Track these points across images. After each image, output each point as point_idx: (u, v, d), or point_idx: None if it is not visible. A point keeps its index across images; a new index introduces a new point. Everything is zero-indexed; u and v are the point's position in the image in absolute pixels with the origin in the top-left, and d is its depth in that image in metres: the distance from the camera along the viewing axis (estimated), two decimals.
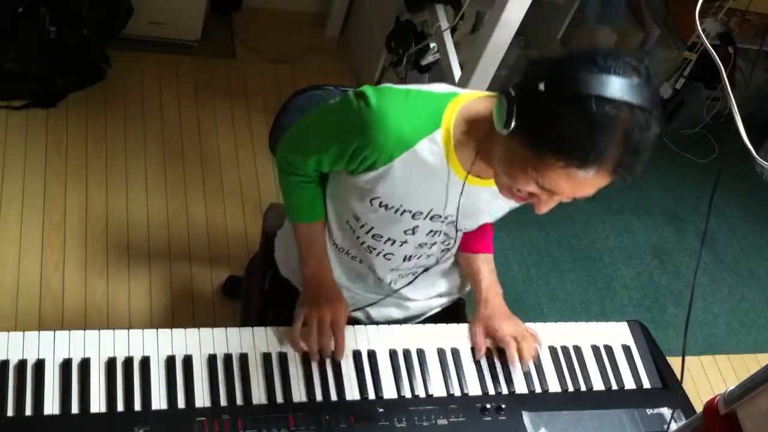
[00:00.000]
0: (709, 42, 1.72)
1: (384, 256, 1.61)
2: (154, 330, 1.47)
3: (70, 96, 2.85)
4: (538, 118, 1.19)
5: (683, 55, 3.38)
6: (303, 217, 1.62)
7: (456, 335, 1.64)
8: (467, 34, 2.76)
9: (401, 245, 1.57)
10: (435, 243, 1.60)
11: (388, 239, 1.56)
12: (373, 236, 1.56)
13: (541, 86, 1.17)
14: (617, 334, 1.77)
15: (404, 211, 1.47)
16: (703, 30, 2.79)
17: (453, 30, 2.53)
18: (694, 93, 3.54)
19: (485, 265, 1.72)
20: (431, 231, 1.55)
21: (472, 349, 1.63)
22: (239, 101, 3.09)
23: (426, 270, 1.69)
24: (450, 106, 1.37)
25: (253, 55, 3.26)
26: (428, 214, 1.49)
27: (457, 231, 1.58)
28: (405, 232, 1.53)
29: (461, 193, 1.43)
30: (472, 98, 1.40)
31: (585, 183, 1.21)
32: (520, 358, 1.62)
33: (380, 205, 1.47)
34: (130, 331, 1.46)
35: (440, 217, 1.50)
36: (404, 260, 1.63)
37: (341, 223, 1.60)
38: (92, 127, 2.82)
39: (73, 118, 2.81)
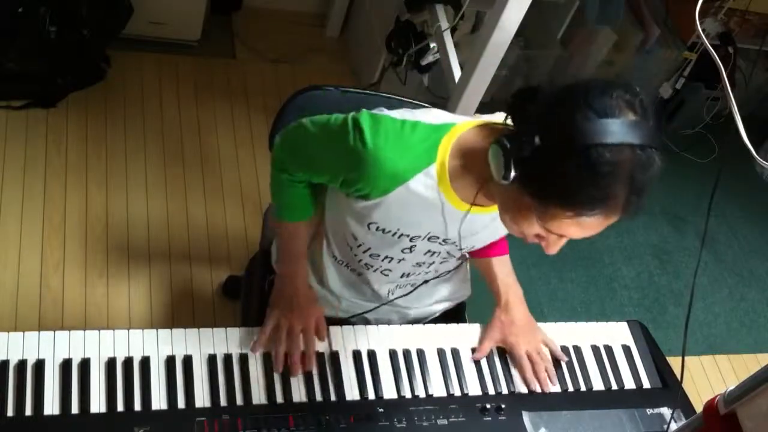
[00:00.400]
0: (709, 42, 1.72)
1: (381, 272, 1.60)
2: (154, 330, 1.47)
3: (70, 96, 2.85)
4: (537, 170, 1.17)
5: (683, 55, 3.38)
6: (289, 215, 1.61)
7: (456, 335, 1.64)
8: (467, 34, 2.76)
9: (399, 262, 1.57)
10: (434, 262, 1.59)
11: (386, 257, 1.55)
12: (370, 255, 1.55)
13: (537, 140, 1.14)
14: (617, 334, 1.77)
15: (402, 234, 1.46)
16: (703, 30, 2.79)
17: (453, 30, 2.53)
18: (694, 93, 3.54)
19: (501, 267, 1.70)
20: (429, 251, 1.54)
21: (473, 349, 1.63)
22: (239, 101, 3.09)
23: (426, 282, 1.68)
24: (445, 138, 1.35)
25: (253, 55, 3.26)
26: (426, 236, 1.48)
27: (460, 249, 1.57)
28: (402, 251, 1.52)
29: (461, 222, 1.42)
30: (467, 128, 1.37)
31: (593, 226, 1.21)
32: (536, 380, 1.61)
33: (377, 229, 1.46)
34: (130, 331, 1.46)
35: (438, 239, 1.49)
36: (402, 276, 1.62)
37: (339, 238, 1.59)
38: (92, 127, 2.82)
39: (73, 118, 2.81)
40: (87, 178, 2.68)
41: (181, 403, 1.40)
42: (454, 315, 1.85)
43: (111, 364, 1.41)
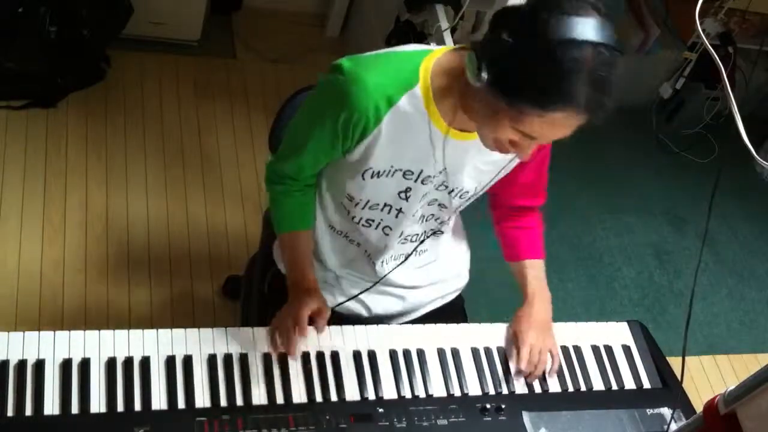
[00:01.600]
0: (709, 42, 1.72)
1: (382, 230, 1.61)
2: (154, 330, 1.47)
3: (70, 96, 2.85)
4: (507, 68, 1.23)
5: (683, 55, 3.38)
6: (288, 226, 1.63)
7: (456, 335, 1.64)
8: (467, 34, 2.76)
9: (397, 215, 1.57)
10: (430, 217, 1.60)
11: (385, 205, 1.56)
12: (370, 208, 1.56)
13: (506, 37, 1.21)
14: (617, 334, 1.77)
15: (395, 170, 1.49)
16: (703, 30, 2.79)
17: (453, 30, 2.53)
18: (694, 93, 3.54)
19: (531, 270, 1.72)
20: (425, 195, 1.55)
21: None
22: (239, 101, 3.09)
23: (422, 243, 1.69)
24: (425, 61, 1.41)
25: (253, 55, 3.26)
26: (419, 175, 1.50)
27: (439, 188, 1.56)
28: (399, 194, 1.53)
29: (444, 144, 1.45)
30: (445, 52, 1.43)
31: (561, 125, 1.26)
32: (524, 368, 1.62)
33: (372, 176, 1.49)
34: (130, 331, 1.46)
35: (431, 178, 1.51)
36: (400, 237, 1.62)
37: (337, 205, 1.62)
38: (92, 127, 2.82)
39: (73, 118, 2.81)
40: (87, 178, 2.68)
41: (181, 403, 1.40)
42: (454, 311, 1.85)
43: (111, 364, 1.41)
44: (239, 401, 1.43)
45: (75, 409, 1.35)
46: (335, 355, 1.54)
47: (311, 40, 3.40)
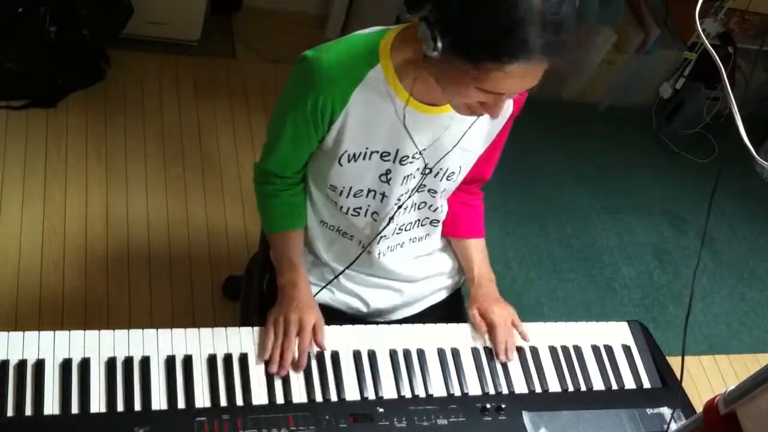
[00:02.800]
0: (709, 42, 1.72)
1: (371, 215, 1.61)
2: (154, 330, 1.47)
3: (70, 96, 2.85)
4: (459, 30, 1.23)
5: (683, 55, 3.38)
6: (277, 226, 1.65)
7: (456, 335, 1.64)
8: None
9: (382, 199, 1.58)
10: (411, 194, 1.60)
11: (369, 191, 1.57)
12: (354, 195, 1.57)
13: (454, 1, 1.21)
14: (617, 334, 1.77)
15: (372, 152, 1.50)
16: (703, 30, 2.79)
17: None
18: (694, 93, 3.54)
19: (477, 252, 1.76)
20: (406, 177, 1.55)
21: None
22: (239, 101, 3.09)
23: (415, 234, 1.69)
24: (385, 38, 1.42)
25: (253, 55, 3.26)
26: (395, 155, 1.50)
27: (425, 173, 1.56)
28: (380, 177, 1.54)
29: (404, 116, 1.45)
30: (402, 28, 1.44)
31: (525, 75, 1.24)
32: (502, 351, 1.64)
33: (348, 160, 1.50)
34: (130, 331, 1.46)
35: (408, 157, 1.51)
36: (395, 227, 1.63)
37: (324, 199, 1.63)
38: (92, 127, 2.82)
39: (73, 118, 2.81)
40: (87, 178, 2.68)
41: (181, 403, 1.40)
42: (453, 312, 1.85)
43: (111, 364, 1.41)
44: (239, 401, 1.43)
45: (75, 409, 1.35)
46: (335, 355, 1.54)
47: (311, 41, 3.35)
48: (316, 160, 1.59)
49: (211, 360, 1.46)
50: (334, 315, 1.70)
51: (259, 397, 1.44)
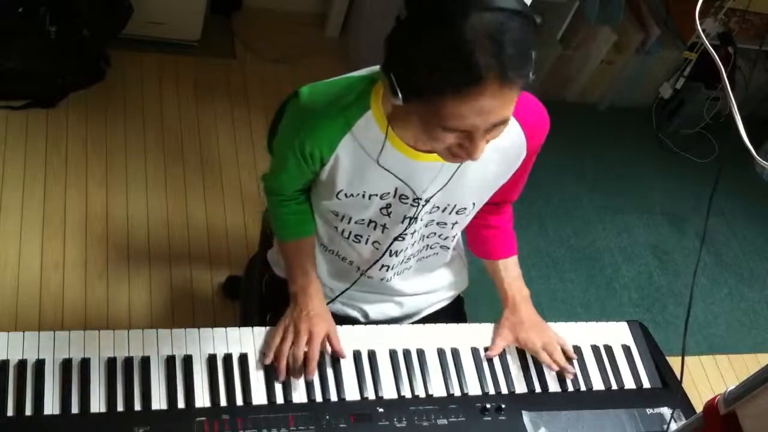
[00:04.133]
0: (709, 42, 1.72)
1: (372, 244, 1.60)
2: (154, 330, 1.47)
3: (70, 96, 2.85)
4: (408, 71, 1.18)
5: (683, 55, 3.38)
6: (288, 234, 1.65)
7: (456, 335, 1.64)
8: None
9: (383, 230, 1.56)
10: (415, 233, 1.58)
11: (370, 221, 1.55)
12: (355, 222, 1.56)
13: (391, 41, 1.19)
14: (617, 334, 1.77)
15: (371, 195, 1.48)
16: (703, 30, 2.79)
17: None
18: (694, 93, 3.54)
19: (508, 270, 1.71)
20: (406, 217, 1.51)
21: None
22: (239, 101, 3.09)
23: (422, 254, 1.68)
24: (377, 84, 1.38)
25: (253, 55, 3.26)
26: (395, 194, 1.48)
27: (433, 211, 1.54)
28: (381, 211, 1.52)
29: (383, 149, 1.40)
30: None
31: (484, 105, 1.16)
32: (556, 367, 1.63)
33: (346, 196, 1.49)
34: (130, 331, 1.46)
35: (407, 198, 1.48)
36: (391, 255, 1.61)
37: (325, 222, 1.62)
38: (92, 127, 2.82)
39: (73, 118, 2.81)
40: (87, 178, 2.68)
41: (181, 403, 1.40)
42: (453, 312, 1.85)
43: (111, 364, 1.41)
44: (239, 401, 1.43)
45: (75, 409, 1.35)
46: (335, 356, 1.54)
47: (311, 40, 3.40)
48: (316, 189, 1.57)
49: (211, 360, 1.46)
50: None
51: (259, 397, 1.44)
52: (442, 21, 1.12)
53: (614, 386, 1.66)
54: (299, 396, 1.46)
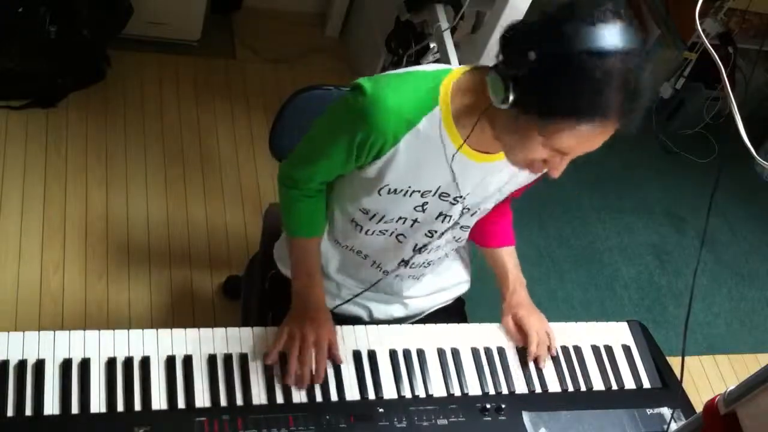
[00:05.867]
0: (709, 42, 1.72)
1: (396, 237, 1.59)
2: (154, 330, 1.47)
3: (71, 96, 2.85)
4: (535, 86, 1.21)
5: (683, 55, 3.38)
6: (301, 232, 1.63)
7: (456, 335, 1.64)
8: (467, 34, 2.76)
9: (413, 225, 1.56)
10: (445, 232, 1.58)
11: (399, 218, 1.55)
12: (384, 222, 1.55)
13: (532, 55, 1.19)
14: (617, 334, 1.77)
15: (413, 191, 1.48)
16: (703, 30, 2.79)
17: (453, 30, 2.53)
18: (694, 93, 3.54)
19: (510, 258, 1.76)
20: (441, 214, 1.53)
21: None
22: (239, 101, 3.09)
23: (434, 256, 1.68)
24: (445, 81, 1.39)
25: (253, 55, 3.26)
26: (436, 191, 1.49)
27: (463, 213, 1.55)
28: (415, 208, 1.52)
29: (454, 159, 1.42)
30: (464, 71, 1.41)
31: (594, 137, 1.24)
32: (536, 359, 1.65)
33: (389, 192, 1.48)
34: (130, 331, 1.46)
35: (449, 196, 1.49)
36: (414, 250, 1.61)
37: (347, 221, 1.60)
38: (92, 127, 2.82)
39: (73, 118, 2.81)
40: (87, 178, 2.68)
41: (181, 403, 1.40)
42: (454, 312, 1.85)
43: (111, 364, 1.41)
44: (239, 401, 1.43)
45: (75, 409, 1.35)
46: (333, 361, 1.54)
47: (311, 40, 3.40)
48: (351, 184, 1.55)
49: (211, 360, 1.46)
50: (335, 319, 1.70)
51: (259, 397, 1.44)
52: (587, 51, 1.16)
53: (614, 386, 1.67)
54: (299, 396, 1.46)
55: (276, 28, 3.39)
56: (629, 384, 1.68)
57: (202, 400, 1.41)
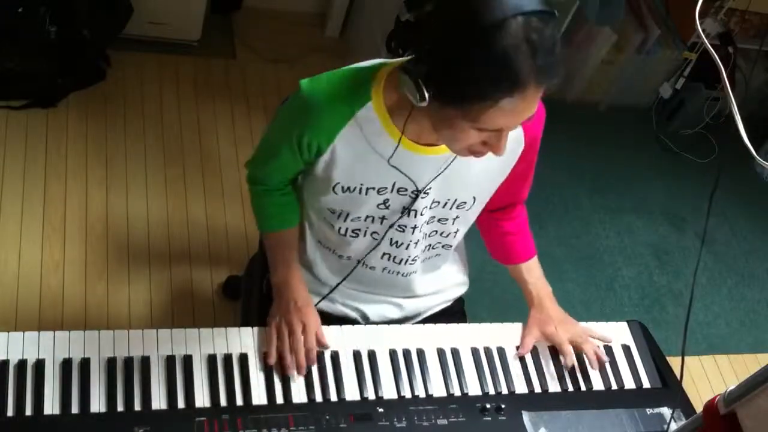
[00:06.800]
0: (709, 42, 1.72)
1: (371, 235, 1.59)
2: (154, 330, 1.47)
3: (71, 96, 2.85)
4: (443, 77, 1.19)
5: (683, 55, 3.38)
6: (270, 225, 1.65)
7: (456, 335, 1.64)
8: None
9: (382, 221, 1.56)
10: (418, 226, 1.57)
11: (367, 217, 1.55)
12: (351, 219, 1.56)
13: (430, 48, 1.18)
14: (617, 334, 1.77)
15: (368, 188, 1.48)
16: (703, 30, 2.79)
17: None
18: (694, 93, 3.54)
19: (531, 271, 1.74)
20: (405, 209, 1.52)
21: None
22: (239, 101, 3.09)
23: (424, 254, 1.67)
24: (378, 76, 1.39)
25: (253, 55, 3.26)
26: (393, 187, 1.48)
27: (433, 206, 1.54)
28: (378, 206, 1.52)
29: (392, 155, 1.41)
30: (396, 66, 1.39)
31: (521, 107, 1.20)
32: (589, 361, 1.65)
33: (343, 191, 1.48)
34: (130, 331, 1.46)
35: (406, 190, 1.49)
36: (391, 245, 1.60)
37: (321, 221, 1.61)
38: (92, 127, 2.82)
39: (73, 118, 2.81)
40: (87, 178, 2.68)
41: (181, 403, 1.40)
42: (454, 312, 1.85)
43: (111, 364, 1.41)
44: (239, 401, 1.43)
45: (75, 409, 1.35)
46: (335, 355, 1.54)
47: (311, 40, 3.40)
48: (311, 184, 1.56)
49: (211, 360, 1.46)
50: (332, 322, 1.69)
51: (259, 397, 1.44)
52: (479, 28, 1.13)
53: (614, 386, 1.67)
54: (299, 396, 1.46)
55: (276, 28, 3.39)
56: (629, 384, 1.68)
57: (202, 400, 1.41)
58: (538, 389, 1.61)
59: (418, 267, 1.69)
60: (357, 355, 1.55)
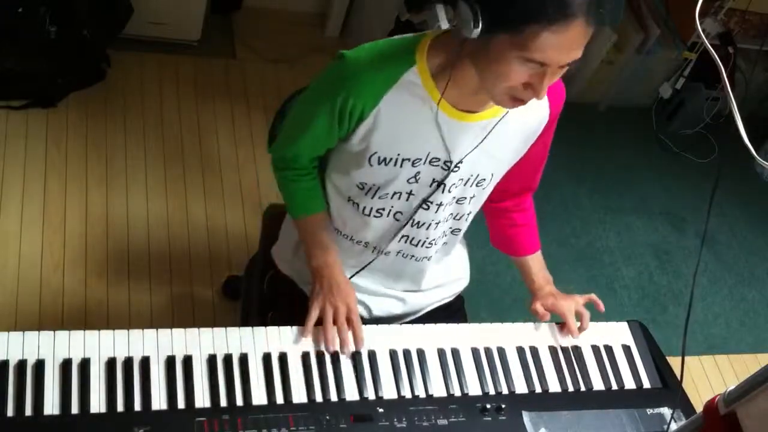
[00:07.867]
0: (709, 42, 1.72)
1: (394, 215, 1.59)
2: (154, 330, 1.47)
3: (71, 96, 2.85)
4: (498, 1, 1.23)
5: (683, 55, 3.39)
6: (303, 210, 1.65)
7: (456, 335, 1.64)
8: None
9: (408, 198, 1.56)
10: (443, 205, 1.57)
11: (395, 193, 1.55)
12: (379, 197, 1.55)
13: None
14: (617, 334, 1.77)
15: (403, 160, 1.48)
16: (703, 30, 2.79)
17: None
18: (694, 93, 3.54)
19: (535, 263, 1.78)
20: (434, 181, 1.52)
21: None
22: (239, 101, 3.09)
23: (434, 241, 1.67)
24: (421, 43, 1.41)
25: (253, 55, 3.27)
26: (427, 157, 1.49)
27: (465, 185, 1.56)
28: (408, 180, 1.52)
29: (437, 116, 1.43)
30: (438, 33, 1.43)
31: (568, 41, 1.22)
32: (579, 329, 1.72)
33: (379, 162, 1.48)
34: (130, 331, 1.46)
35: (439, 160, 1.49)
36: (412, 226, 1.60)
37: (344, 203, 1.61)
38: (92, 127, 2.82)
39: (73, 118, 2.81)
40: (87, 178, 2.68)
41: (181, 403, 1.40)
42: (454, 310, 1.85)
43: (111, 364, 1.41)
44: (239, 401, 1.43)
45: (75, 409, 1.35)
46: (335, 355, 1.54)
47: (311, 40, 3.40)
48: (341, 160, 1.56)
49: (211, 360, 1.46)
50: None
51: (259, 397, 1.44)
52: None
53: (614, 386, 1.67)
54: (299, 396, 1.46)
55: (276, 28, 3.40)
56: (629, 384, 1.68)
57: (201, 400, 1.41)
58: (538, 389, 1.61)
59: (432, 252, 1.69)
60: (357, 355, 1.55)
